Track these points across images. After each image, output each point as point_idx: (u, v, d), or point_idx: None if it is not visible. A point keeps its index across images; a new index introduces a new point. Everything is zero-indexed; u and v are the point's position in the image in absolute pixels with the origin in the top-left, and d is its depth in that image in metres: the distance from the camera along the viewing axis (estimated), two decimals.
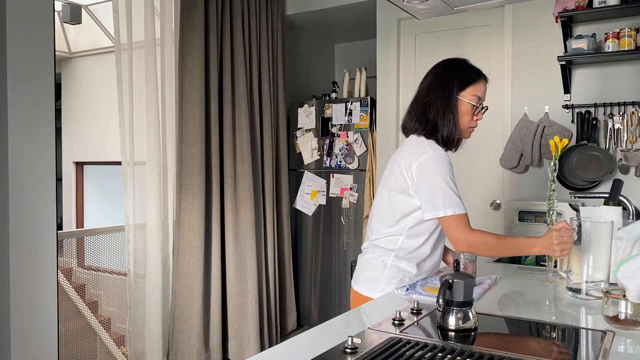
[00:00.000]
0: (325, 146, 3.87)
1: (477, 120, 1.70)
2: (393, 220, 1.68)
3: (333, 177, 3.85)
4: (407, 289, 1.58)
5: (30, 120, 2.07)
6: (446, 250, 1.90)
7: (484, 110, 1.73)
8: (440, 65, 1.72)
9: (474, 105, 1.67)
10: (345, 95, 4.01)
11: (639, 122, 2.79)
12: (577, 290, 1.51)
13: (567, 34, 2.88)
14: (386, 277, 1.69)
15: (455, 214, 1.57)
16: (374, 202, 1.80)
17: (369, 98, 3.71)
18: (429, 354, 1.05)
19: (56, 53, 2.22)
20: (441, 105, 1.65)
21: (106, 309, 3.34)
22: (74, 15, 4.66)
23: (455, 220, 1.57)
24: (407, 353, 1.05)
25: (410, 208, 1.64)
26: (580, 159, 2.86)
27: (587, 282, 1.49)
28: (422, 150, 1.62)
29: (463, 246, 1.59)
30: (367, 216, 3.67)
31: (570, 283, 1.56)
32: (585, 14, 2.78)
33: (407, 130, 1.74)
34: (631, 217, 2.19)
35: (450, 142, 1.69)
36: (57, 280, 2.21)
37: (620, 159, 2.83)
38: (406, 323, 1.25)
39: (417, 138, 1.68)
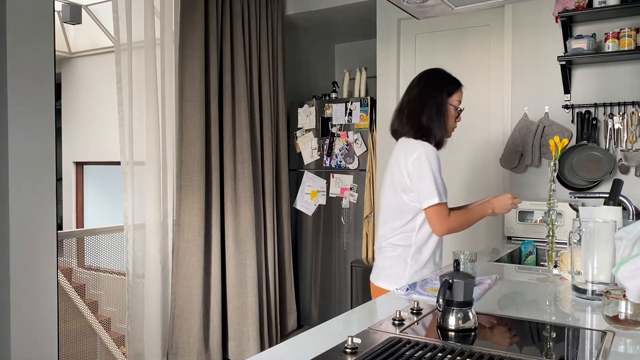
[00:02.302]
0: (325, 146, 3.87)
1: (458, 121, 1.96)
2: (406, 219, 1.87)
3: (333, 177, 3.85)
4: (407, 289, 1.58)
5: (30, 121, 2.07)
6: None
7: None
8: (425, 75, 1.95)
9: (457, 109, 1.92)
10: (345, 95, 4.01)
11: (639, 122, 2.79)
12: (583, 291, 1.51)
13: (567, 34, 2.88)
14: (408, 272, 1.88)
15: (436, 203, 1.79)
16: (380, 204, 1.99)
17: (369, 98, 3.71)
18: (429, 354, 1.05)
19: (56, 53, 2.22)
20: (434, 111, 1.87)
21: (106, 309, 3.34)
22: (74, 15, 4.67)
23: (435, 211, 1.81)
24: (407, 353, 1.05)
25: (416, 202, 1.84)
26: (580, 159, 2.86)
27: (592, 282, 1.49)
28: (413, 149, 1.83)
29: (443, 232, 1.85)
30: (367, 216, 3.68)
31: (576, 283, 1.55)
32: (585, 14, 2.78)
33: (397, 135, 1.96)
34: (631, 217, 2.19)
35: (440, 143, 1.90)
36: (57, 280, 2.21)
37: (620, 159, 2.83)
38: (406, 323, 1.25)
39: (407, 140, 1.89)
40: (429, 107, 1.87)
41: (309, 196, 3.96)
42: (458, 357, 1.03)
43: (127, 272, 2.98)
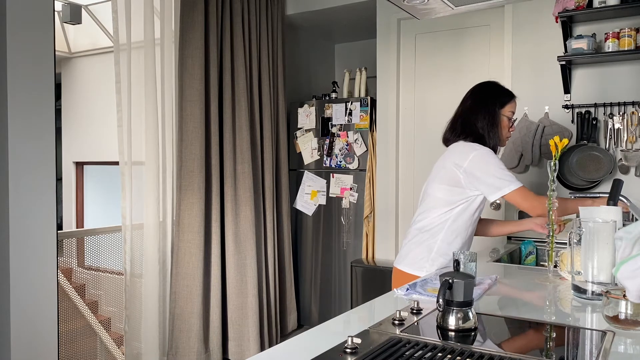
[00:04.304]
0: (325, 146, 3.86)
1: (512, 131, 2.05)
2: (443, 210, 1.95)
3: (333, 177, 3.85)
4: (407, 289, 1.58)
5: (30, 120, 2.07)
6: (487, 221, 2.19)
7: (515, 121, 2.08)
8: (479, 88, 2.05)
9: (510, 119, 2.01)
10: (345, 95, 4.01)
11: (639, 122, 2.79)
12: (583, 291, 1.51)
13: (567, 34, 2.88)
14: (432, 259, 1.96)
15: (517, 187, 1.85)
16: (422, 194, 2.08)
17: (369, 98, 3.71)
18: (429, 354, 1.05)
19: (56, 53, 2.22)
20: (487, 121, 1.96)
21: (106, 309, 3.34)
22: (74, 15, 4.66)
23: (520, 193, 1.86)
24: (407, 353, 1.05)
25: (459, 198, 1.92)
26: (580, 159, 2.86)
27: (592, 282, 1.48)
28: (471, 149, 1.91)
29: (539, 210, 1.86)
30: (367, 216, 3.68)
31: (576, 283, 1.55)
32: (585, 14, 2.78)
33: (449, 142, 2.03)
34: (631, 217, 2.19)
35: (494, 150, 1.99)
36: (57, 280, 2.21)
37: (620, 159, 2.83)
38: (406, 323, 1.25)
39: (463, 142, 1.97)
40: (482, 118, 1.96)
41: (309, 196, 3.96)
42: (458, 357, 1.03)
43: (124, 272, 2.97)
